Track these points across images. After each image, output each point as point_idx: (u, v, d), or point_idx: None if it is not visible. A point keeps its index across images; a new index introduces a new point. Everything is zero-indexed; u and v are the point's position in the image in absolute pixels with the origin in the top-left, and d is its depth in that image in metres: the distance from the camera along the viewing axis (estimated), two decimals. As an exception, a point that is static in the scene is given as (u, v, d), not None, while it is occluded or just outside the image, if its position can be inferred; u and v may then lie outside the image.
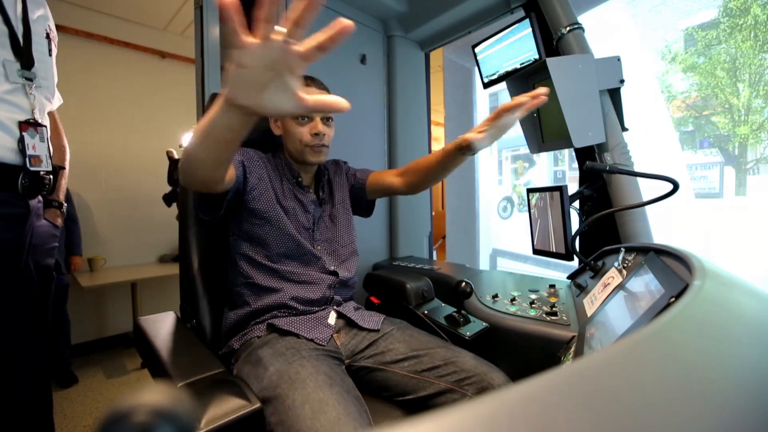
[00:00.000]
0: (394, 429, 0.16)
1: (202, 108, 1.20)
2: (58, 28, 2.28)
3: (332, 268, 0.97)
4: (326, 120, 0.98)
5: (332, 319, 0.91)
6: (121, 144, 2.66)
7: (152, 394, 0.20)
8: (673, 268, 0.58)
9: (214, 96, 1.08)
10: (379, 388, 0.86)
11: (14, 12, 0.86)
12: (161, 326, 0.84)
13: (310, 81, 0.98)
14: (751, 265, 1.79)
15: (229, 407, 0.56)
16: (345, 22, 0.40)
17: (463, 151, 0.90)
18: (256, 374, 0.72)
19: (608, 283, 0.80)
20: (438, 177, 1.04)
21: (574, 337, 0.79)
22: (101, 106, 2.56)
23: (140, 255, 2.76)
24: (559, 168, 2.81)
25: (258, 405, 0.58)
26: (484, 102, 3.25)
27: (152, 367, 0.75)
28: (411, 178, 1.05)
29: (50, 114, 1.02)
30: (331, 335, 0.87)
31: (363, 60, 1.67)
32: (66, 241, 2.16)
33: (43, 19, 0.95)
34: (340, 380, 0.70)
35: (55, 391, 1.99)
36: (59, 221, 1.06)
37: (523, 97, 0.79)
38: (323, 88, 0.99)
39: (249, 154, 0.95)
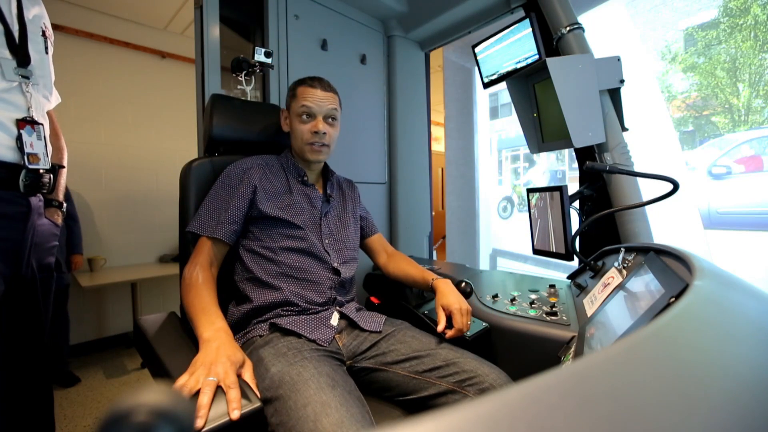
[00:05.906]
0: (396, 429, 0.16)
1: (202, 108, 1.20)
2: (58, 27, 2.30)
3: (336, 264, 0.97)
4: (328, 119, 0.99)
5: (335, 320, 0.91)
6: (121, 144, 2.65)
7: (152, 394, 0.20)
8: (673, 268, 0.58)
9: (214, 96, 1.08)
10: (380, 389, 0.86)
11: (9, 10, 0.86)
12: (161, 326, 0.84)
13: (316, 82, 0.99)
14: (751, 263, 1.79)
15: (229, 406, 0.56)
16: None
17: (430, 292, 1.01)
18: (257, 374, 0.72)
19: (608, 283, 0.80)
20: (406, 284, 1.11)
21: (574, 337, 0.79)
22: (101, 106, 2.56)
23: (140, 255, 2.76)
24: (559, 168, 2.81)
25: (259, 404, 0.57)
26: (484, 102, 3.24)
27: (152, 367, 0.75)
28: (391, 269, 1.14)
29: (48, 114, 1.02)
30: (333, 336, 0.87)
31: (363, 60, 1.67)
32: (67, 239, 2.16)
33: (38, 17, 0.95)
34: (342, 382, 0.70)
35: (55, 390, 1.99)
36: (59, 220, 1.06)
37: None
38: (329, 89, 1.00)
39: (244, 174, 0.96)
